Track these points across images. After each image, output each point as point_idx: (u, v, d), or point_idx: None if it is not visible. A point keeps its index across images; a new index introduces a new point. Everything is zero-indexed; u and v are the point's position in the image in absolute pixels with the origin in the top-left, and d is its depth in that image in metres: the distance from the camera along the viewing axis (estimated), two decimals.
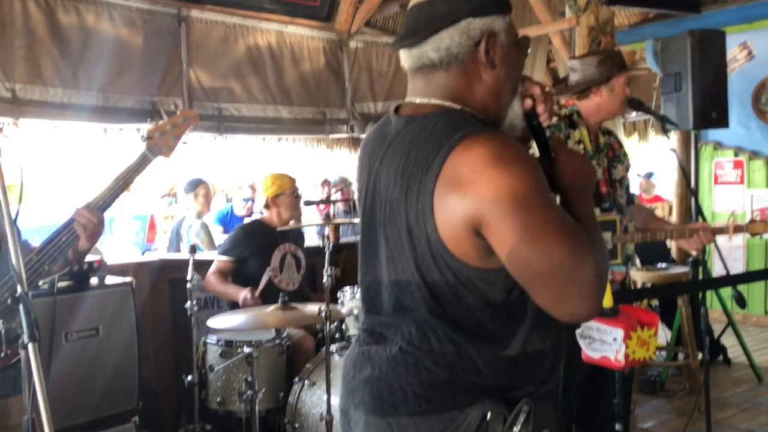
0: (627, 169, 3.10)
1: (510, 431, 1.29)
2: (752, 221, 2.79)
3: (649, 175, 8.97)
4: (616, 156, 3.05)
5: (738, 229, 2.78)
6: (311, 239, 4.98)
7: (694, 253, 3.09)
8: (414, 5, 1.41)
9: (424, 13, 1.38)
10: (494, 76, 1.39)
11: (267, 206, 3.95)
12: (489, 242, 1.26)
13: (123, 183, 2.09)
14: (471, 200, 1.23)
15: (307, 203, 4.59)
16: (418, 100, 1.42)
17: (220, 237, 5.46)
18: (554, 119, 2.89)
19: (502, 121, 1.45)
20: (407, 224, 1.33)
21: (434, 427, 1.32)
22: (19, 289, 1.51)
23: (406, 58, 1.43)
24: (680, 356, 4.99)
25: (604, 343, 2.06)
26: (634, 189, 6.13)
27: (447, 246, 1.29)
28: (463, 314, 1.33)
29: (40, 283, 2.04)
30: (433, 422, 1.33)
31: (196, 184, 5.57)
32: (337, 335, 3.68)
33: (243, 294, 3.58)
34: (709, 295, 5.30)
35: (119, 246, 7.81)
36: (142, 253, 6.59)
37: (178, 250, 5.52)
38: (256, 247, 3.82)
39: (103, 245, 6.47)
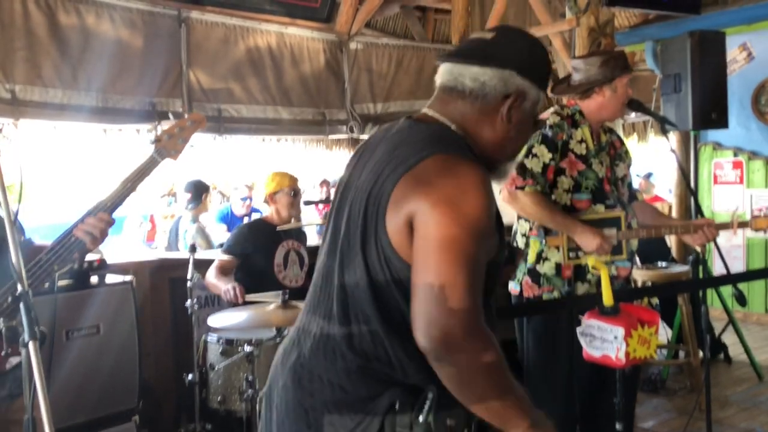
0: (629, 167, 3.12)
1: (416, 420, 1.34)
2: (756, 216, 2.80)
3: (648, 176, 8.97)
4: (617, 154, 3.07)
5: (742, 224, 2.79)
6: (311, 239, 4.99)
7: (698, 248, 3.10)
8: (478, 37, 1.55)
9: (481, 46, 1.51)
10: (505, 130, 1.50)
11: (266, 203, 3.97)
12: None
13: (131, 185, 2.12)
14: (418, 195, 1.31)
15: (307, 203, 4.60)
16: (431, 113, 1.52)
17: (225, 236, 5.48)
18: (556, 119, 2.90)
19: (493, 170, 1.55)
20: (366, 205, 1.40)
21: (346, 415, 1.39)
22: (19, 287, 1.52)
23: (444, 74, 1.53)
24: (681, 354, 5.00)
25: (605, 342, 2.06)
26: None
27: (388, 233, 1.35)
28: (390, 306, 1.38)
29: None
30: (345, 410, 1.39)
31: (200, 188, 5.59)
32: None
33: (229, 286, 3.48)
34: (710, 293, 5.29)
35: (129, 245, 7.84)
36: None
37: (176, 248, 5.53)
38: (260, 244, 3.82)
39: (111, 244, 6.49)
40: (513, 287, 3.01)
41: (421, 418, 1.34)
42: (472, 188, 1.32)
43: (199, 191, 5.62)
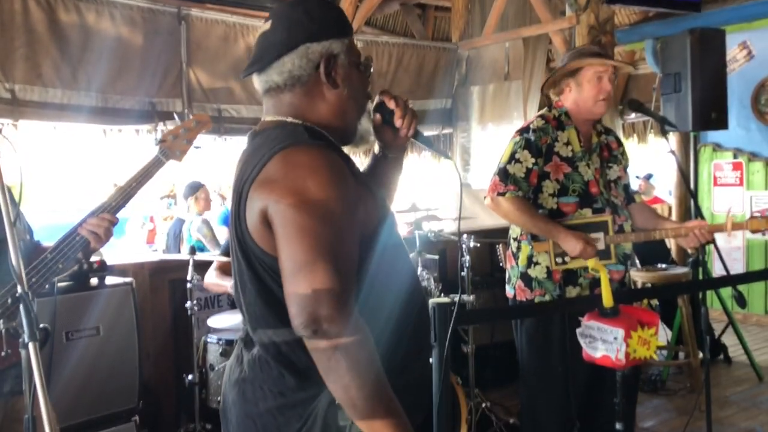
0: (625, 168, 3.05)
1: None
2: (752, 218, 2.75)
3: (648, 177, 8.98)
4: (612, 156, 3.01)
5: (737, 226, 2.74)
6: None
7: (690, 251, 3.06)
8: (259, 34, 1.53)
9: (266, 41, 1.50)
10: (337, 95, 1.50)
11: None
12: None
13: (136, 185, 2.14)
14: (266, 196, 1.34)
15: None
16: (268, 118, 1.53)
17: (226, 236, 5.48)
18: (541, 122, 2.88)
19: (351, 135, 1.56)
20: (236, 226, 1.43)
21: (291, 418, 1.43)
22: (19, 289, 1.52)
23: (256, 82, 1.54)
24: (681, 355, 5.00)
25: (605, 342, 2.06)
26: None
27: (253, 237, 1.39)
28: (283, 307, 1.37)
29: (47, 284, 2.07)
30: (289, 412, 1.44)
31: (195, 188, 5.60)
32: None
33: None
34: (710, 294, 5.29)
35: (131, 247, 7.85)
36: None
37: (177, 251, 5.52)
38: None
39: (113, 246, 6.48)
40: (508, 290, 3.01)
41: None
42: (310, 173, 1.34)
43: (193, 189, 5.65)
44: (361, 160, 6.07)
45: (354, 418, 1.33)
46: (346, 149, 1.56)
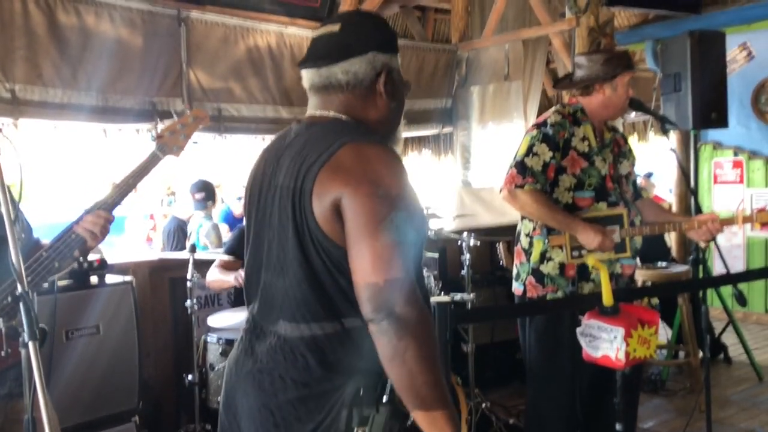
0: (632, 164, 3.11)
1: (381, 400, 1.42)
2: (761, 210, 2.79)
3: (648, 175, 8.98)
4: (621, 152, 3.06)
5: (747, 219, 2.77)
6: None
7: (702, 244, 3.09)
8: (323, 34, 1.61)
9: (335, 41, 1.58)
10: (386, 105, 1.60)
11: None
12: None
13: (132, 182, 2.13)
14: (339, 183, 1.39)
15: None
16: (318, 113, 1.60)
17: (227, 236, 5.50)
18: (558, 117, 2.90)
19: (389, 140, 1.64)
20: (292, 208, 1.47)
21: (313, 409, 1.45)
22: (19, 287, 1.52)
23: (312, 76, 1.60)
24: (681, 354, 5.00)
25: (605, 342, 2.06)
26: None
27: (319, 224, 1.42)
28: (337, 296, 1.45)
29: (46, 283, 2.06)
30: (312, 404, 1.45)
31: (210, 187, 5.62)
32: None
33: (238, 272, 3.43)
34: (710, 293, 5.29)
35: (131, 244, 7.85)
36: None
37: (176, 249, 5.53)
38: None
39: (113, 243, 6.49)
40: (517, 287, 3.00)
41: (385, 398, 1.41)
42: (385, 166, 1.42)
43: (211, 190, 5.69)
44: None
45: (414, 407, 1.36)
46: None
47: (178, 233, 5.88)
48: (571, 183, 2.87)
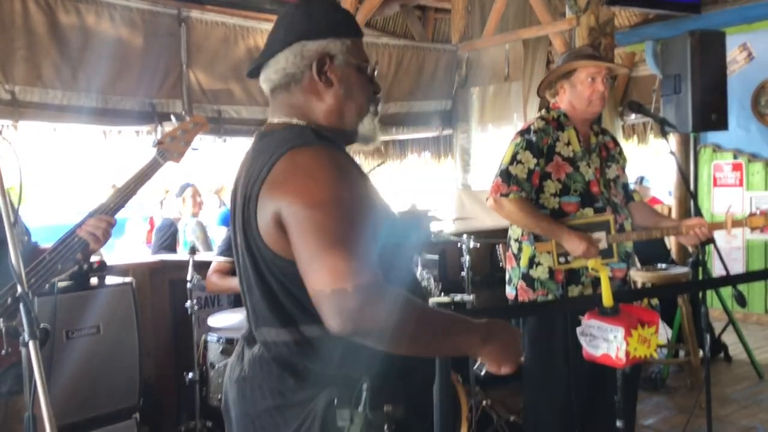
0: (623, 168, 3.09)
1: (356, 411, 1.38)
2: (752, 215, 2.77)
3: (641, 180, 8.94)
4: (610, 155, 3.04)
5: (737, 223, 2.76)
6: None
7: (690, 249, 3.09)
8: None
9: (268, 40, 1.53)
10: (334, 95, 1.50)
11: None
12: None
13: (134, 186, 2.16)
14: (277, 199, 1.35)
15: None
16: (274, 120, 1.54)
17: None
18: (541, 123, 2.89)
19: (352, 135, 1.55)
20: (243, 227, 1.45)
21: (289, 418, 1.43)
22: (19, 288, 1.52)
23: (261, 84, 1.56)
24: (681, 353, 5.00)
25: (605, 341, 2.06)
26: None
27: (266, 242, 1.40)
28: (296, 306, 1.42)
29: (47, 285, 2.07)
30: (288, 413, 1.43)
31: (182, 189, 5.68)
32: None
33: None
34: (710, 294, 5.30)
35: (131, 247, 7.84)
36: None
37: (164, 246, 5.57)
38: None
39: (114, 246, 6.49)
40: (509, 291, 3.01)
41: (359, 409, 1.38)
42: (318, 170, 1.35)
43: (180, 190, 5.74)
44: (361, 162, 6.09)
45: (437, 355, 1.43)
46: (350, 149, 1.59)
47: (167, 231, 5.92)
48: (557, 188, 2.85)
